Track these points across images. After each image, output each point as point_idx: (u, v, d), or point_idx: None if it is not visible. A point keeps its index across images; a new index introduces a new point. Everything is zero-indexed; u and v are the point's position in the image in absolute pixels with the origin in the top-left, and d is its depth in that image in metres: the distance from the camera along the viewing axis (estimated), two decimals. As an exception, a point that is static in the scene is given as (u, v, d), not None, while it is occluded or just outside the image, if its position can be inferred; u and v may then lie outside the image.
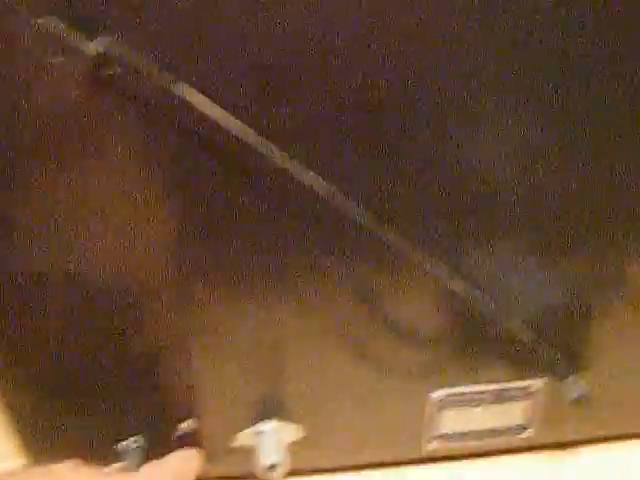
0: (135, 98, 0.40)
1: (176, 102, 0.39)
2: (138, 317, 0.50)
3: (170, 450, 0.55)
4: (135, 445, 0.56)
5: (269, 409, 0.56)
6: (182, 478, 0.52)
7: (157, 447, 0.56)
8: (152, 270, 0.47)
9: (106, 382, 0.53)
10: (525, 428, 0.61)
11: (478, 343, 0.54)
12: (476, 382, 0.57)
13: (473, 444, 0.60)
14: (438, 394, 0.56)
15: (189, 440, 0.56)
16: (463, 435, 0.60)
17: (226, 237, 0.46)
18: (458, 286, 0.49)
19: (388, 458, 0.61)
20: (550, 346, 0.53)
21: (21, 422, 0.56)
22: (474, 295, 0.50)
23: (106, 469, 0.51)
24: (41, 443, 0.57)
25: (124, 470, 0.54)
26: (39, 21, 0.36)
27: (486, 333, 0.53)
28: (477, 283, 0.50)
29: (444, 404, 0.57)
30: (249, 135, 0.40)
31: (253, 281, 0.48)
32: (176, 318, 0.50)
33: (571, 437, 0.63)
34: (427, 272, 0.48)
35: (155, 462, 0.53)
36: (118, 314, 0.49)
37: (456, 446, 0.60)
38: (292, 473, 0.57)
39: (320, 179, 0.42)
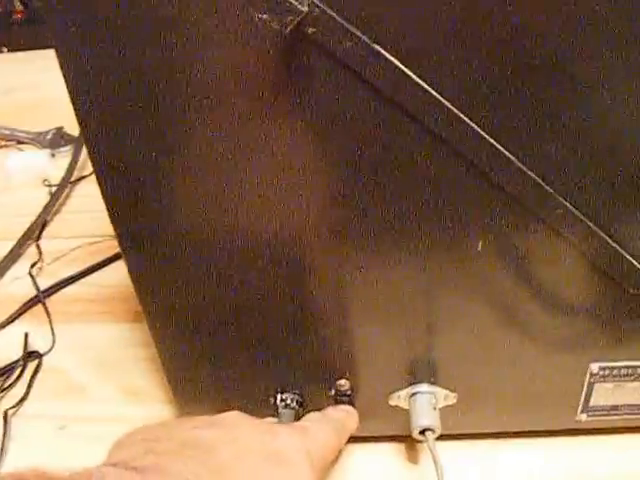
0: (330, 58, 0.40)
1: (369, 67, 0.39)
2: (295, 274, 0.50)
3: (324, 407, 0.56)
4: (290, 401, 0.56)
5: (423, 372, 0.56)
6: (344, 430, 0.53)
7: (311, 404, 0.57)
8: (310, 231, 0.48)
9: (263, 337, 0.54)
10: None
11: (639, 318, 0.52)
12: (634, 357, 0.55)
13: (625, 418, 0.59)
14: (597, 366, 0.55)
15: (343, 399, 0.56)
16: (616, 408, 0.58)
17: (389, 200, 0.46)
18: (618, 258, 0.48)
19: (540, 427, 0.60)
20: None
21: (177, 372, 0.57)
22: (634, 268, 0.48)
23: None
24: (194, 395, 0.58)
25: (280, 424, 0.54)
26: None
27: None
28: (638, 257, 0.48)
29: (602, 377, 0.55)
30: (435, 101, 0.40)
31: (409, 246, 0.48)
32: (332, 278, 0.50)
33: None
34: (586, 243, 0.47)
35: (317, 413, 0.53)
36: (276, 270, 0.50)
37: (608, 419, 0.59)
38: (445, 437, 0.57)
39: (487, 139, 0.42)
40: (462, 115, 0.41)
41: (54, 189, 0.96)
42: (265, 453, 0.43)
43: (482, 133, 0.41)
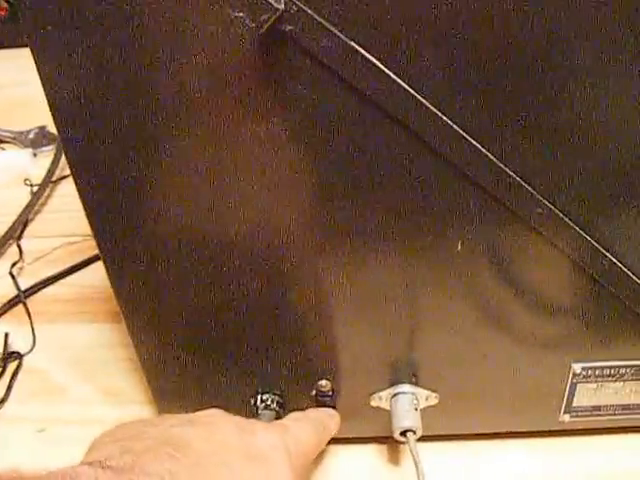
0: (308, 57, 0.39)
1: (346, 65, 0.39)
2: (275, 275, 0.50)
3: (305, 409, 0.56)
4: (270, 402, 0.56)
5: (404, 373, 0.56)
6: (325, 430, 0.53)
7: (292, 405, 0.56)
8: (290, 231, 0.47)
9: (243, 338, 0.53)
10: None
11: (621, 318, 0.51)
12: (617, 357, 0.55)
13: (607, 419, 0.59)
14: (579, 366, 0.54)
15: (324, 400, 0.56)
16: (599, 409, 0.58)
17: (369, 199, 0.46)
18: (600, 259, 0.48)
19: (523, 428, 0.60)
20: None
21: (156, 373, 0.56)
22: (616, 269, 0.48)
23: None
24: (174, 396, 0.57)
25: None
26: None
27: (629, 308, 0.50)
28: (621, 258, 0.48)
29: (584, 377, 0.55)
30: (413, 99, 0.40)
31: (391, 247, 0.48)
32: (312, 280, 0.50)
33: None
34: (568, 244, 0.47)
35: (298, 412, 0.53)
36: (257, 271, 0.49)
37: (590, 420, 0.59)
38: (427, 438, 0.57)
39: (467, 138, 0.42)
40: (440, 113, 0.40)
41: (35, 189, 0.95)
42: (243, 450, 0.43)
43: (460, 132, 0.41)
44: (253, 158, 0.43)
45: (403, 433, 0.55)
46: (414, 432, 0.55)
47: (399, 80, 0.39)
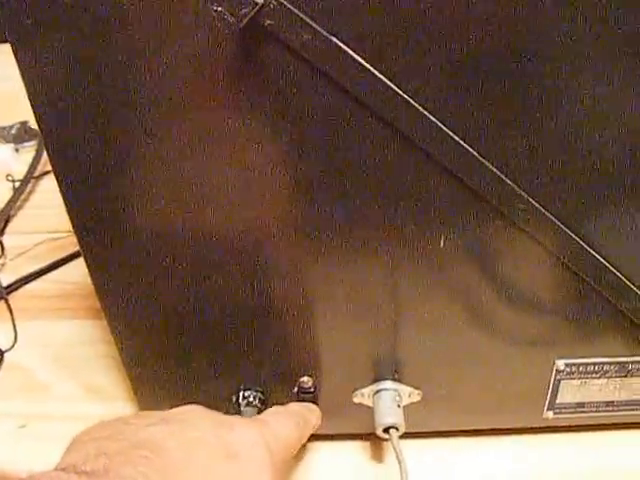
0: (288, 51, 0.39)
1: (327, 60, 0.39)
2: (256, 271, 0.49)
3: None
4: (252, 398, 0.55)
5: (387, 370, 0.55)
6: (306, 425, 0.52)
7: (274, 402, 0.56)
8: (271, 226, 0.47)
9: (224, 334, 0.53)
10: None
11: (605, 315, 0.51)
12: (600, 354, 0.55)
13: (591, 416, 0.59)
14: (562, 363, 0.54)
15: (306, 397, 0.56)
16: (582, 406, 0.58)
17: (350, 194, 0.45)
18: (585, 256, 0.48)
19: (506, 425, 0.60)
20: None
21: (137, 370, 0.56)
22: (601, 266, 0.48)
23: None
24: (156, 393, 0.57)
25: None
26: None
27: (613, 305, 0.50)
28: (605, 255, 0.48)
29: (568, 374, 0.55)
30: (394, 94, 0.40)
31: (372, 242, 0.48)
32: (294, 276, 0.50)
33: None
34: (553, 241, 0.47)
35: (279, 407, 0.53)
36: (237, 268, 0.49)
37: (574, 416, 0.59)
38: (410, 434, 0.56)
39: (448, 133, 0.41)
40: (422, 109, 0.40)
41: (17, 184, 0.94)
42: (220, 448, 0.43)
43: (443, 127, 0.41)
44: (233, 152, 0.43)
45: (386, 430, 0.55)
46: (397, 429, 0.55)
47: (380, 75, 0.39)
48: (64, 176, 0.44)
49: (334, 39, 0.38)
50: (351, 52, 0.38)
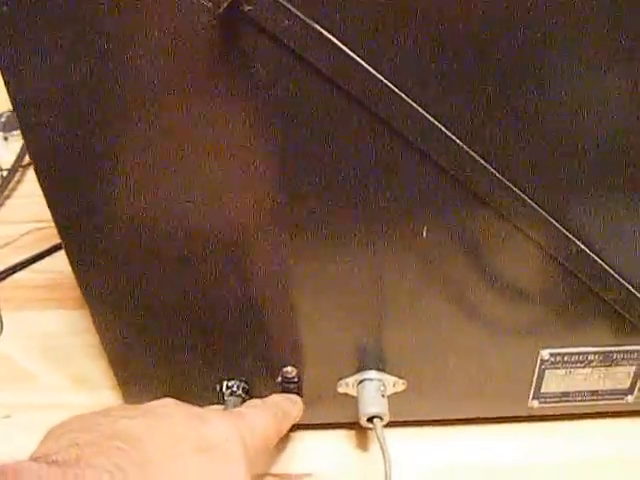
0: (268, 37, 0.39)
1: (308, 46, 0.39)
2: (238, 260, 0.49)
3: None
4: (236, 388, 0.55)
5: (371, 359, 0.55)
6: (285, 417, 0.52)
7: (258, 392, 0.56)
8: (252, 215, 0.46)
9: (208, 324, 0.53)
10: (628, 393, 0.58)
11: (589, 305, 0.51)
12: (585, 344, 0.55)
13: (575, 405, 0.59)
14: (547, 353, 0.54)
15: (290, 387, 0.56)
16: (567, 395, 0.58)
17: (331, 182, 0.45)
18: (570, 247, 0.47)
19: (491, 414, 0.60)
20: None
21: (120, 360, 0.56)
22: (586, 256, 0.48)
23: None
24: (139, 382, 0.57)
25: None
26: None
27: (598, 296, 0.50)
28: (591, 245, 0.48)
29: (552, 363, 0.55)
30: (375, 80, 0.40)
31: (354, 232, 0.47)
32: (277, 265, 0.49)
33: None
34: (538, 231, 0.47)
35: (258, 399, 0.53)
36: (219, 258, 0.49)
37: (559, 405, 0.59)
38: (395, 424, 0.57)
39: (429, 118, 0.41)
40: (405, 96, 0.40)
41: (5, 173, 0.94)
42: (195, 442, 0.42)
43: (423, 112, 0.40)
44: (213, 141, 0.43)
45: (370, 419, 0.55)
46: (381, 418, 0.54)
47: (361, 61, 0.39)
48: (41, 164, 0.44)
49: (315, 25, 0.37)
50: (332, 37, 0.38)
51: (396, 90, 0.40)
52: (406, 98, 0.40)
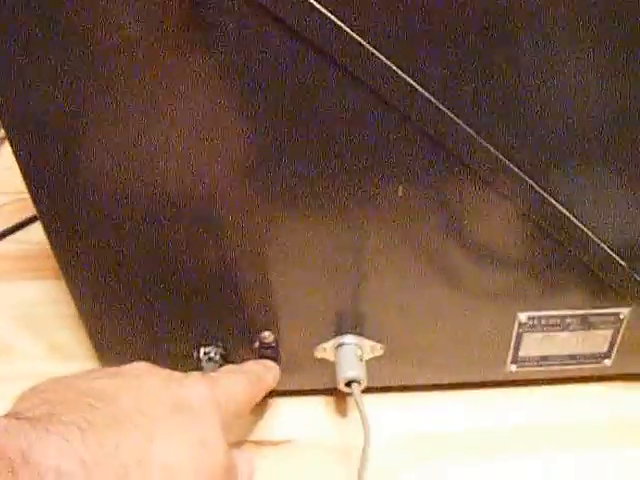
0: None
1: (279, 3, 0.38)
2: (213, 225, 0.49)
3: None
4: (213, 354, 0.55)
5: (349, 324, 0.55)
6: (260, 383, 0.52)
7: (235, 358, 0.55)
8: (227, 180, 0.46)
9: (183, 289, 0.53)
10: (606, 357, 0.58)
11: (567, 267, 0.51)
12: (562, 307, 0.55)
13: (554, 369, 0.59)
14: (525, 316, 0.54)
15: (268, 352, 0.55)
16: (546, 359, 0.58)
17: (304, 141, 0.44)
18: (548, 208, 0.47)
19: (470, 378, 0.60)
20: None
21: (97, 326, 0.55)
22: (564, 218, 0.48)
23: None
24: (116, 349, 0.56)
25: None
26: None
27: (575, 258, 0.50)
28: (569, 207, 0.48)
29: (530, 327, 0.55)
30: (348, 37, 0.39)
31: (330, 193, 0.47)
32: (253, 229, 0.49)
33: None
34: (515, 193, 0.47)
35: (233, 365, 0.52)
36: (193, 222, 0.48)
37: (538, 370, 0.59)
38: (373, 390, 0.57)
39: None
40: (376, 51, 0.39)
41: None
42: (169, 402, 0.42)
43: (398, 71, 0.40)
44: (185, 105, 0.42)
45: (348, 384, 0.54)
46: (359, 383, 0.54)
47: (335, 18, 0.38)
48: (14, 133, 0.44)
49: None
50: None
51: (368, 46, 0.39)
52: (377, 52, 0.39)
